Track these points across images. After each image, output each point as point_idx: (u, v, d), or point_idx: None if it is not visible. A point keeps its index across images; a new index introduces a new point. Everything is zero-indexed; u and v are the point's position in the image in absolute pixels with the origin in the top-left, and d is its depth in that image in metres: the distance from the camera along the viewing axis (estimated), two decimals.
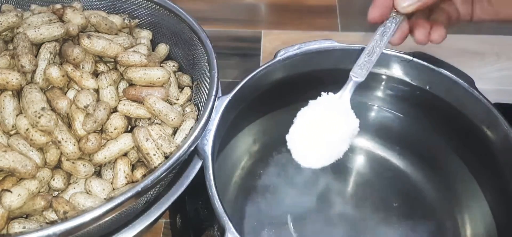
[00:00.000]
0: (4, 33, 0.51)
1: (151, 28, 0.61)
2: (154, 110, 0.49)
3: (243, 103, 0.54)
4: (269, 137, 0.59)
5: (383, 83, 0.59)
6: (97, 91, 0.49)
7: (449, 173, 0.56)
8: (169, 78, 0.52)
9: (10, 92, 0.46)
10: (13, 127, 0.45)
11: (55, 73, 0.47)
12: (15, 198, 0.41)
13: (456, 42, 0.77)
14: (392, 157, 0.59)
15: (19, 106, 0.46)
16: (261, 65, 0.54)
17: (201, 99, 0.53)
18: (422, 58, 0.55)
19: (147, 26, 0.61)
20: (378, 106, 0.60)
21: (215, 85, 0.49)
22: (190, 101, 0.55)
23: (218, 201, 0.42)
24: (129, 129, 0.50)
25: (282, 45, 0.56)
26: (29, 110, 0.44)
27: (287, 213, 0.53)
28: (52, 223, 0.43)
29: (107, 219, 0.39)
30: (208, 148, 0.47)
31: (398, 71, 0.57)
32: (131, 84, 0.51)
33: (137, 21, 0.60)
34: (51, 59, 0.49)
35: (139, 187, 0.40)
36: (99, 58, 0.52)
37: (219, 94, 0.51)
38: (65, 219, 0.42)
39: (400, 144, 0.59)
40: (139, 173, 0.47)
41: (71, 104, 0.47)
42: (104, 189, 0.45)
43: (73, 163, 0.46)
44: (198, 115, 0.51)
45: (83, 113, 0.46)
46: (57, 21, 0.52)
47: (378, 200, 0.55)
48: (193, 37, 0.55)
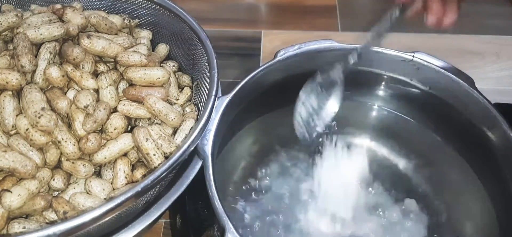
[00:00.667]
0: (4, 33, 0.51)
1: (151, 28, 0.61)
2: (154, 110, 0.49)
3: (243, 103, 0.54)
4: (269, 137, 0.59)
5: (383, 82, 0.59)
6: (97, 91, 0.49)
7: (448, 173, 0.56)
8: (169, 78, 0.52)
9: (10, 92, 0.46)
10: (13, 127, 0.45)
11: (55, 73, 0.47)
12: (15, 198, 0.41)
13: (456, 42, 0.78)
14: (391, 157, 0.59)
15: (19, 106, 0.46)
16: (261, 65, 0.54)
17: (201, 99, 0.53)
18: (422, 58, 0.55)
19: (147, 26, 0.61)
20: (378, 105, 0.60)
21: (215, 85, 0.49)
22: (190, 101, 0.55)
23: (218, 201, 0.42)
24: (129, 129, 0.50)
25: (282, 45, 0.56)
26: (29, 110, 0.44)
27: (287, 213, 0.53)
28: (52, 223, 0.43)
29: (107, 219, 0.39)
30: (208, 148, 0.47)
31: (398, 71, 0.57)
32: (131, 84, 0.51)
33: (137, 21, 0.60)
34: (51, 59, 0.49)
35: (139, 187, 0.40)
36: (99, 58, 0.52)
37: (219, 94, 0.51)
38: (65, 219, 0.42)
39: (400, 144, 0.59)
40: (139, 173, 0.47)
41: (71, 104, 0.47)
42: (104, 189, 0.45)
43: (73, 163, 0.46)
44: (198, 115, 0.51)
45: (83, 113, 0.46)
46: (57, 21, 0.52)
47: (377, 200, 0.55)
48: (193, 37, 0.55)
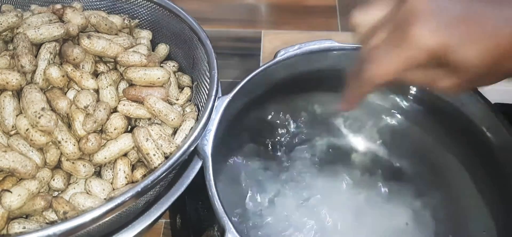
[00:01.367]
0: (4, 33, 0.51)
1: (151, 28, 0.61)
2: (154, 110, 0.49)
3: (243, 103, 0.54)
4: (269, 137, 0.59)
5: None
6: (97, 91, 0.49)
7: (448, 173, 0.56)
8: (169, 78, 0.52)
9: (10, 92, 0.46)
10: (13, 127, 0.45)
11: (55, 73, 0.47)
12: (15, 198, 0.41)
13: None
14: (391, 157, 0.59)
15: (19, 106, 0.46)
16: (261, 65, 0.54)
17: (201, 99, 0.53)
18: None
19: (147, 26, 0.61)
20: (378, 105, 0.60)
21: (215, 85, 0.49)
22: (190, 101, 0.55)
23: (218, 201, 0.42)
24: (129, 129, 0.50)
25: (282, 45, 0.56)
26: (29, 110, 0.44)
27: (287, 213, 0.53)
28: (52, 223, 0.43)
29: (107, 219, 0.39)
30: (208, 148, 0.47)
31: None
32: (131, 84, 0.51)
33: (137, 21, 0.60)
34: (51, 59, 0.49)
35: (139, 187, 0.40)
36: (99, 58, 0.52)
37: (219, 94, 0.51)
38: (65, 219, 0.42)
39: (399, 144, 0.59)
40: (139, 173, 0.47)
41: (71, 104, 0.47)
42: (104, 189, 0.45)
43: (73, 163, 0.46)
44: (198, 115, 0.51)
45: (83, 113, 0.46)
46: (57, 21, 0.52)
47: (377, 199, 0.55)
48: (193, 37, 0.55)
